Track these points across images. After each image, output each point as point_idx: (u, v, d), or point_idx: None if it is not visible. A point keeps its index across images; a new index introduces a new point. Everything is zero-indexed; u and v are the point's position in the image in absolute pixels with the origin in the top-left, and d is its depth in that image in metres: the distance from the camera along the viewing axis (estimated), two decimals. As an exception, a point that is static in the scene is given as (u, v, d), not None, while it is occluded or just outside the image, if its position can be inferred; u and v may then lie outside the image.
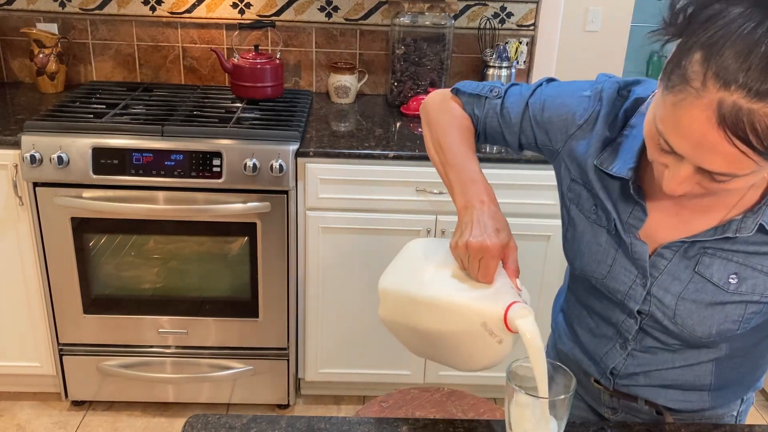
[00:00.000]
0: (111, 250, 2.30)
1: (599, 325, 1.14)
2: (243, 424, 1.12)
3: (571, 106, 1.06)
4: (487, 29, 2.68)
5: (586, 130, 1.04)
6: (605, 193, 1.03)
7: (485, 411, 1.44)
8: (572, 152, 1.06)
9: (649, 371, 1.11)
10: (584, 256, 1.08)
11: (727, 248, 0.97)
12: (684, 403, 1.13)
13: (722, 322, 0.99)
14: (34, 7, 2.61)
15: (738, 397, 1.17)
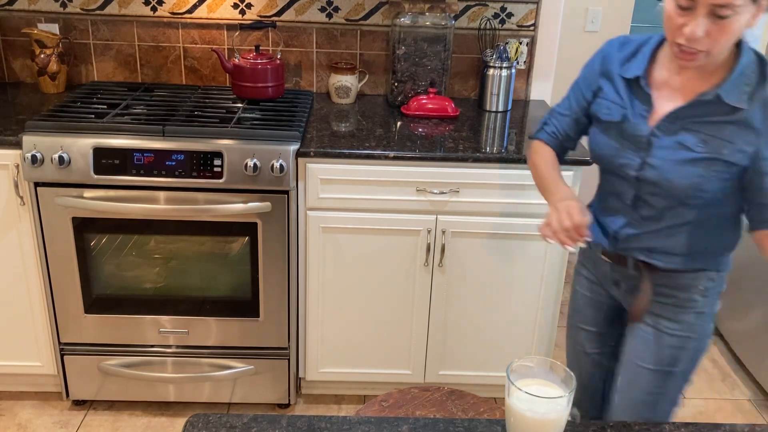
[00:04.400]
0: (112, 250, 2.30)
1: (609, 199, 1.56)
2: (244, 423, 1.13)
3: (590, 61, 1.60)
4: (487, 29, 2.69)
5: (611, 63, 1.52)
6: (625, 92, 1.47)
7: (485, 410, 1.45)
8: (605, 72, 1.53)
9: (640, 235, 1.51)
10: (602, 145, 1.51)
11: (698, 122, 1.37)
12: (665, 263, 1.51)
13: (694, 176, 1.38)
14: (35, 7, 2.62)
15: (705, 266, 1.52)
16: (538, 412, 1.00)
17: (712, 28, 1.25)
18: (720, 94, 1.34)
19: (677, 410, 1.66)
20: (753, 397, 2.71)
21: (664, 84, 1.43)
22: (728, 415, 2.60)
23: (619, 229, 1.53)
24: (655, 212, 1.48)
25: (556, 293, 2.38)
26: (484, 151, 2.27)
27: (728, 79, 1.34)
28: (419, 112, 2.52)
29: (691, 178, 1.38)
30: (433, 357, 2.46)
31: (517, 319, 2.41)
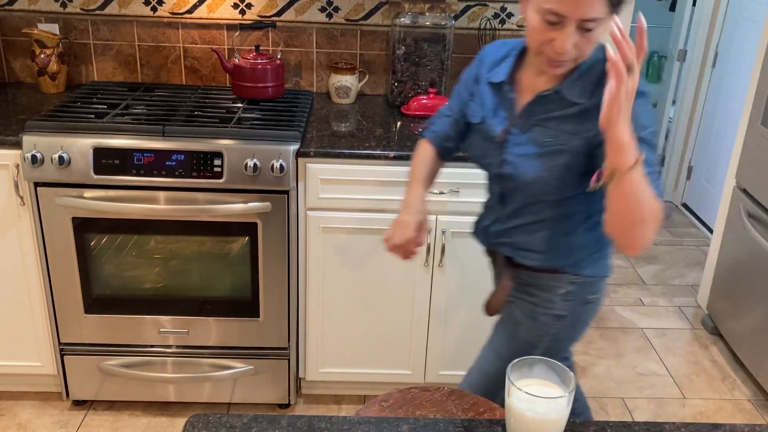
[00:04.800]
0: (112, 250, 2.30)
1: (486, 197, 1.66)
2: (244, 423, 1.13)
3: (474, 62, 1.64)
4: (487, 29, 2.69)
5: (484, 66, 1.58)
6: (490, 96, 1.54)
7: (485, 410, 1.45)
8: (476, 78, 1.60)
9: (506, 231, 1.60)
10: (473, 146, 1.60)
11: (546, 118, 1.44)
12: (527, 260, 1.58)
13: (542, 169, 1.45)
14: (35, 7, 2.62)
15: (565, 267, 1.57)
16: (538, 412, 1.00)
17: (580, 40, 1.31)
18: (560, 90, 1.42)
19: None
20: (753, 397, 2.71)
21: (528, 86, 1.49)
22: (728, 416, 2.61)
23: (490, 224, 1.63)
24: (516, 208, 1.56)
25: (556, 293, 2.38)
26: (484, 151, 2.27)
27: (570, 76, 1.42)
28: (419, 112, 2.52)
29: (540, 171, 1.45)
30: (433, 357, 2.46)
31: (517, 319, 2.41)
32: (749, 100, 2.86)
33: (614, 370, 2.84)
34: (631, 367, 2.87)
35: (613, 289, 3.47)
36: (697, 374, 2.85)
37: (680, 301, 3.39)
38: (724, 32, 4.03)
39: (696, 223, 4.24)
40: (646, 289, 3.49)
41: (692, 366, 2.90)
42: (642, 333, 3.11)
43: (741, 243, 2.86)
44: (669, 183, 4.53)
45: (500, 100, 1.53)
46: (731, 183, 2.97)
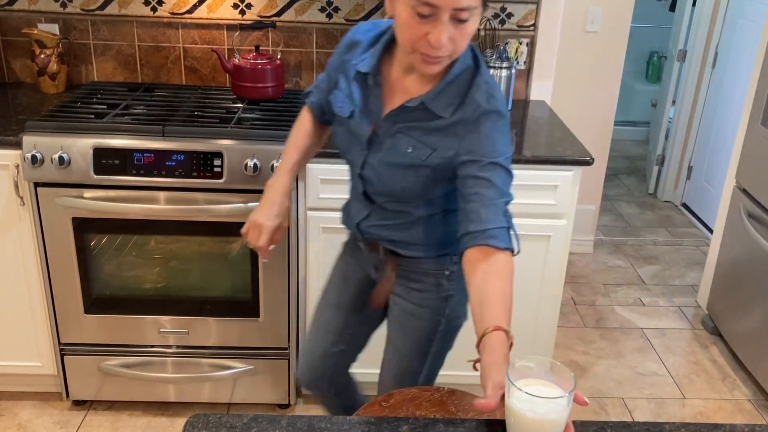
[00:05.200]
0: (112, 250, 2.30)
1: (353, 193, 1.59)
2: (244, 423, 1.13)
3: (342, 42, 1.53)
4: (487, 30, 2.69)
5: (351, 52, 1.48)
6: (357, 87, 1.45)
7: (485, 410, 1.44)
8: (341, 66, 1.50)
9: (379, 227, 1.55)
10: (337, 139, 1.52)
11: (411, 127, 1.39)
12: (408, 252, 1.54)
13: (403, 179, 1.41)
14: (35, 7, 2.62)
15: (442, 253, 1.55)
16: (538, 412, 1.00)
17: (454, 33, 1.24)
18: (424, 101, 1.35)
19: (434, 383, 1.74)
20: (753, 397, 2.71)
21: (396, 83, 1.42)
22: (728, 416, 2.61)
23: (362, 220, 1.57)
24: (384, 209, 1.51)
25: (556, 293, 2.38)
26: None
27: (435, 87, 1.35)
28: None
29: (403, 182, 1.41)
30: (433, 357, 2.45)
31: (517, 319, 2.40)
32: (749, 100, 2.86)
33: (614, 370, 2.84)
34: (631, 367, 2.87)
35: (613, 289, 3.47)
36: (697, 374, 2.85)
37: (680, 301, 3.39)
38: (724, 32, 4.03)
39: (696, 223, 4.24)
40: (646, 289, 3.49)
41: (692, 366, 2.90)
42: (642, 333, 3.11)
43: (741, 243, 2.86)
44: (669, 183, 4.53)
45: (366, 94, 1.45)
46: (731, 183, 2.97)
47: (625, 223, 4.25)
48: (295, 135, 1.66)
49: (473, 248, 1.30)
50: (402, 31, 1.28)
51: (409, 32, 1.25)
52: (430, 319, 1.61)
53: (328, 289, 1.77)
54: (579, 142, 2.34)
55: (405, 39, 1.28)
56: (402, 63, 1.40)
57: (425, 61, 1.28)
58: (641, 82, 5.89)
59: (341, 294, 1.74)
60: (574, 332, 3.09)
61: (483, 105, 1.34)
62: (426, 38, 1.23)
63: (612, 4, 3.35)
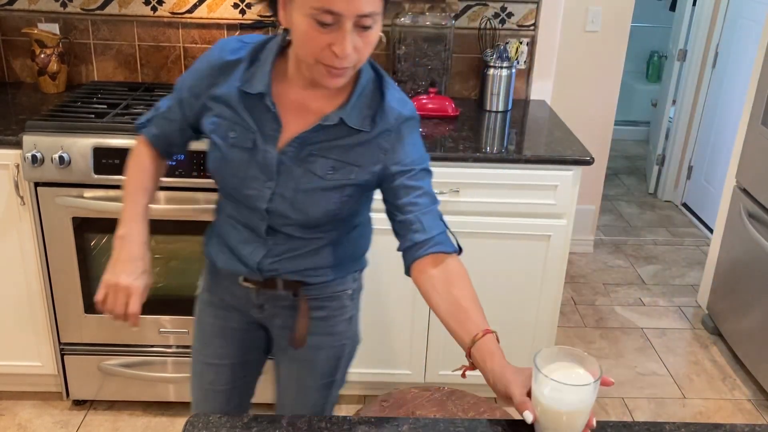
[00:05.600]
0: (112, 250, 2.30)
1: (242, 231, 1.39)
2: (244, 423, 1.13)
3: (199, 67, 1.37)
4: (487, 29, 2.69)
5: (226, 75, 1.32)
6: (248, 113, 1.29)
7: (485, 410, 1.45)
8: (215, 95, 1.32)
9: (286, 259, 1.38)
10: (225, 174, 1.32)
11: (326, 147, 1.28)
12: (315, 278, 1.41)
13: (327, 203, 1.30)
14: (35, 7, 2.62)
15: (349, 272, 1.47)
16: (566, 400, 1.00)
17: (359, 41, 1.15)
18: (342, 117, 1.26)
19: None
20: (753, 397, 2.71)
21: (292, 102, 1.29)
22: (728, 415, 2.61)
23: (261, 260, 1.38)
24: (292, 238, 1.36)
25: (556, 293, 2.38)
26: (484, 151, 2.27)
27: (350, 101, 1.27)
28: (419, 112, 2.50)
29: (325, 207, 1.30)
30: (433, 357, 2.45)
31: (517, 319, 2.41)
32: (749, 99, 2.86)
33: (614, 370, 2.84)
34: (631, 367, 2.87)
35: (613, 289, 3.47)
36: (697, 374, 2.85)
37: (680, 300, 3.39)
38: (724, 32, 4.02)
39: (696, 222, 4.24)
40: (646, 288, 3.49)
41: (692, 366, 2.90)
42: (642, 333, 3.11)
43: (741, 243, 2.86)
44: (669, 183, 4.53)
45: (259, 118, 1.29)
46: (731, 183, 2.97)
47: (626, 222, 4.25)
48: (137, 174, 1.43)
49: (423, 258, 1.27)
50: (302, 43, 1.17)
51: (310, 43, 1.15)
52: (336, 347, 1.50)
53: (200, 349, 1.56)
54: (579, 142, 2.33)
55: (306, 51, 1.17)
56: (301, 79, 1.27)
57: (330, 73, 1.18)
58: (641, 82, 5.88)
59: (220, 350, 1.53)
60: (574, 332, 3.09)
61: (403, 112, 1.30)
62: (330, 49, 1.14)
63: (612, 4, 3.35)
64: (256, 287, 1.43)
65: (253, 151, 1.29)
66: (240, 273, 1.43)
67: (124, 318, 1.32)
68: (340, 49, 1.13)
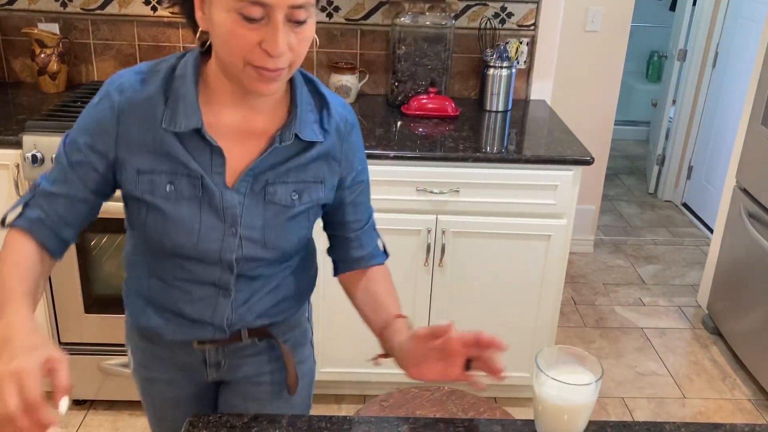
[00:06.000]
0: (112, 250, 2.30)
1: (197, 290, 1.18)
2: (244, 423, 1.13)
3: (95, 117, 1.10)
4: (487, 29, 2.69)
5: (137, 119, 1.09)
6: (187, 155, 1.09)
7: (485, 410, 1.45)
8: (131, 146, 1.09)
9: (253, 303, 1.22)
10: (171, 234, 1.11)
11: (282, 173, 1.13)
12: (280, 315, 1.27)
13: (299, 230, 1.18)
14: (35, 7, 2.62)
15: (305, 300, 1.36)
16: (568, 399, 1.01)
17: (293, 38, 1.00)
18: (297, 132, 1.11)
19: None
20: (753, 397, 2.71)
21: (229, 128, 1.11)
22: (728, 415, 2.61)
23: (222, 318, 1.20)
24: (257, 281, 1.21)
25: (556, 293, 2.38)
26: (484, 150, 2.27)
27: (296, 111, 1.12)
28: (419, 112, 2.52)
29: (297, 234, 1.18)
30: (433, 357, 2.45)
31: (517, 319, 2.41)
32: (749, 99, 2.86)
33: (614, 369, 2.84)
34: (631, 366, 2.87)
35: (613, 289, 3.47)
36: (697, 374, 2.85)
37: (680, 300, 3.39)
38: (724, 32, 4.03)
39: (696, 222, 4.24)
40: (646, 288, 3.49)
41: (692, 366, 2.90)
42: (642, 333, 3.11)
43: (741, 243, 2.86)
44: (669, 182, 4.53)
45: (199, 157, 1.09)
46: (731, 183, 2.97)
47: (626, 222, 4.25)
48: (6, 273, 1.05)
49: (355, 271, 1.29)
50: (227, 44, 1.00)
51: (236, 43, 0.99)
52: (307, 374, 1.39)
53: (156, 423, 1.41)
54: (579, 142, 2.33)
55: (232, 53, 1.01)
56: (231, 97, 1.10)
57: (262, 77, 1.02)
58: (641, 82, 5.88)
59: (179, 420, 1.25)
60: (574, 332, 3.09)
61: (349, 118, 1.20)
62: (260, 47, 0.99)
63: (612, 4, 3.35)
64: (216, 345, 1.26)
65: (205, 198, 1.10)
66: (196, 338, 1.24)
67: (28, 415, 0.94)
68: (272, 46, 0.98)
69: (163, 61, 1.12)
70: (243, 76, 1.02)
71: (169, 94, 1.08)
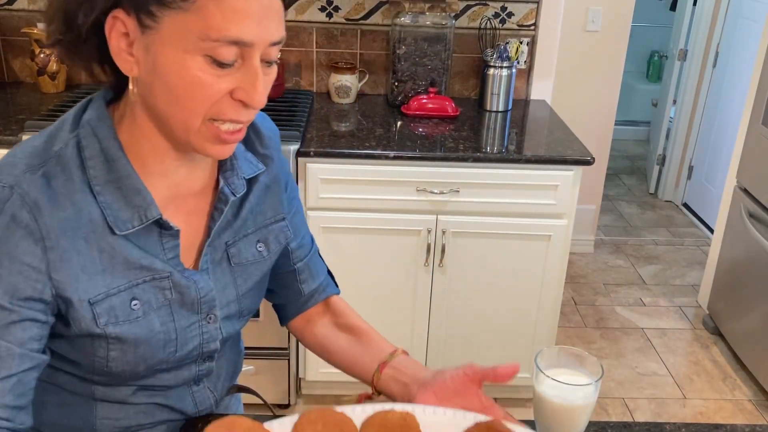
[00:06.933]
0: None
1: (167, 399, 0.97)
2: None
3: (6, 257, 0.78)
4: (487, 29, 2.68)
5: (66, 241, 0.80)
6: (146, 255, 0.86)
7: (485, 411, 1.44)
8: (71, 277, 0.82)
9: (218, 378, 1.04)
10: (147, 359, 0.88)
11: (238, 227, 0.94)
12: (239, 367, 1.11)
13: (268, 283, 1.03)
14: (35, 6, 2.61)
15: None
16: (568, 399, 1.00)
17: (265, 82, 0.83)
18: (245, 177, 0.94)
19: None
20: (754, 397, 2.70)
21: (167, 199, 0.89)
22: (729, 416, 2.60)
23: (211, 402, 1.04)
24: (223, 354, 1.03)
25: (556, 293, 2.38)
26: (484, 151, 2.27)
27: (236, 154, 0.93)
28: (419, 112, 2.51)
29: (268, 285, 1.05)
30: (433, 357, 2.45)
31: (518, 319, 2.41)
32: (750, 99, 2.86)
33: (615, 370, 2.84)
34: (631, 367, 2.86)
35: (614, 289, 3.46)
36: (697, 374, 2.84)
37: (681, 301, 3.39)
38: (724, 32, 4.02)
39: (696, 222, 4.24)
40: (647, 289, 3.49)
41: (693, 366, 2.89)
42: (642, 333, 3.11)
43: (742, 243, 2.86)
44: (669, 182, 4.52)
45: (155, 250, 0.87)
46: (732, 183, 2.97)
47: (626, 222, 4.24)
48: None
49: (311, 308, 1.09)
50: (185, 96, 0.77)
51: (202, 94, 0.77)
52: None
53: None
54: (579, 142, 2.33)
55: (192, 107, 0.78)
56: (164, 161, 0.86)
57: (220, 138, 0.80)
58: (642, 82, 5.88)
59: None
60: (574, 332, 3.08)
61: (275, 130, 1.04)
62: (231, 98, 0.79)
63: (612, 4, 3.34)
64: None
65: (176, 298, 0.89)
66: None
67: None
68: (250, 94, 0.78)
69: (53, 139, 0.83)
70: (194, 137, 0.80)
71: (92, 185, 0.82)
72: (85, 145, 0.82)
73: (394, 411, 0.87)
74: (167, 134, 0.83)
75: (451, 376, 0.94)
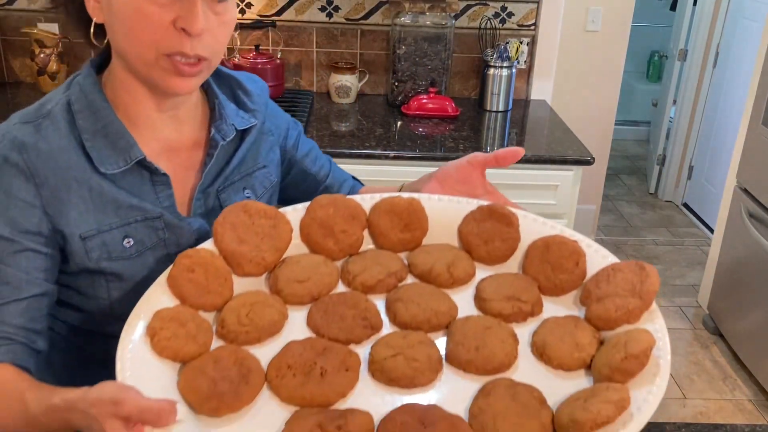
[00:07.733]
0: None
1: None
2: (243, 423, 1.12)
3: (3, 194, 0.86)
4: (487, 29, 2.68)
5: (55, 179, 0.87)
6: (133, 196, 0.91)
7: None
8: (63, 213, 0.88)
9: None
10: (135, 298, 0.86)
11: (227, 175, 1.01)
12: None
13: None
14: (35, 6, 2.61)
15: None
16: None
17: (213, 19, 0.87)
18: (236, 125, 1.01)
19: None
20: (754, 397, 2.70)
21: (158, 149, 0.96)
22: (729, 416, 2.60)
23: None
24: None
25: (556, 293, 2.37)
26: (484, 151, 2.26)
27: (220, 101, 1.01)
28: (419, 112, 2.51)
29: None
30: (433, 357, 2.45)
31: (518, 319, 2.40)
32: (750, 99, 2.86)
33: (615, 370, 2.83)
34: (631, 367, 2.86)
35: (614, 289, 3.46)
36: (697, 374, 2.84)
37: (681, 301, 3.39)
38: (725, 32, 4.02)
39: (697, 223, 4.24)
40: (647, 289, 3.48)
41: (693, 366, 2.89)
42: (642, 333, 3.10)
43: (742, 243, 2.86)
44: (670, 183, 4.52)
45: (146, 192, 0.93)
46: (732, 183, 2.97)
47: (626, 222, 4.24)
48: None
49: None
50: (133, 31, 0.84)
51: (145, 25, 0.83)
52: None
53: None
54: (579, 142, 2.33)
55: (141, 39, 0.85)
56: (148, 113, 0.94)
57: (178, 69, 0.86)
58: (642, 82, 5.88)
59: None
60: (574, 332, 3.08)
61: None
62: (174, 28, 0.84)
63: (613, 4, 3.34)
64: None
65: (171, 239, 0.94)
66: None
67: None
68: (189, 21, 0.83)
69: (46, 102, 0.92)
70: (155, 71, 0.87)
71: (82, 134, 0.89)
72: (74, 101, 0.92)
73: (401, 197, 0.97)
74: (140, 78, 0.91)
75: (455, 166, 1.05)
